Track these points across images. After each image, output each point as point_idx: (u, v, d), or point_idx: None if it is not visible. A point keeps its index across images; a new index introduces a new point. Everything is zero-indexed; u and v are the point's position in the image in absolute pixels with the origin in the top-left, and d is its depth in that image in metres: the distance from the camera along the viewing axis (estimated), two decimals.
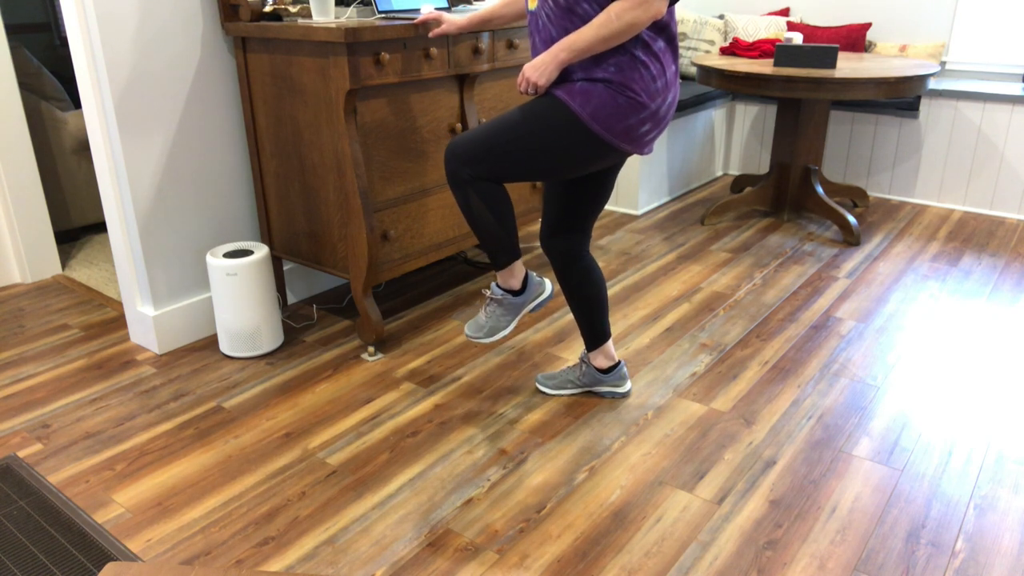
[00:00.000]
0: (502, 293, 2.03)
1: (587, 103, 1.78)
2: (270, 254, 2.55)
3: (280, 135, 2.48)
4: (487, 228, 1.93)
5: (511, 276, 2.01)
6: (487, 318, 2.05)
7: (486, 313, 2.06)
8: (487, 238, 1.94)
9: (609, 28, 1.68)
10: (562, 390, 2.27)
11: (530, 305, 2.09)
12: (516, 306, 2.06)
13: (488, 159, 1.84)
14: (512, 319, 2.07)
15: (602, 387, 2.25)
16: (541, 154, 1.83)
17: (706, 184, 4.52)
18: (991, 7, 3.99)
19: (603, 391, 2.26)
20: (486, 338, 2.04)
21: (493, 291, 2.05)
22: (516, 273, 2.01)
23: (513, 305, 2.05)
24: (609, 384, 2.25)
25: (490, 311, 2.06)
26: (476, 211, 1.91)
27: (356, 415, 2.19)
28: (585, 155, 1.84)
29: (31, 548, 1.69)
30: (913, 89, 3.21)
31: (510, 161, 1.84)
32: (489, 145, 1.83)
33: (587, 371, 2.23)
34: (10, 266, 3.12)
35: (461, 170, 1.86)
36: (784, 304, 2.88)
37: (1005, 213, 3.88)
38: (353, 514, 1.80)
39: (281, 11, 2.45)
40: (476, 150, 1.84)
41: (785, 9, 4.53)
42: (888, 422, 2.14)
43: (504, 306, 2.04)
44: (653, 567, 1.63)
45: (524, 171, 1.86)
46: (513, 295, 2.04)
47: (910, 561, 1.64)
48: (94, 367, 2.47)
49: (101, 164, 2.40)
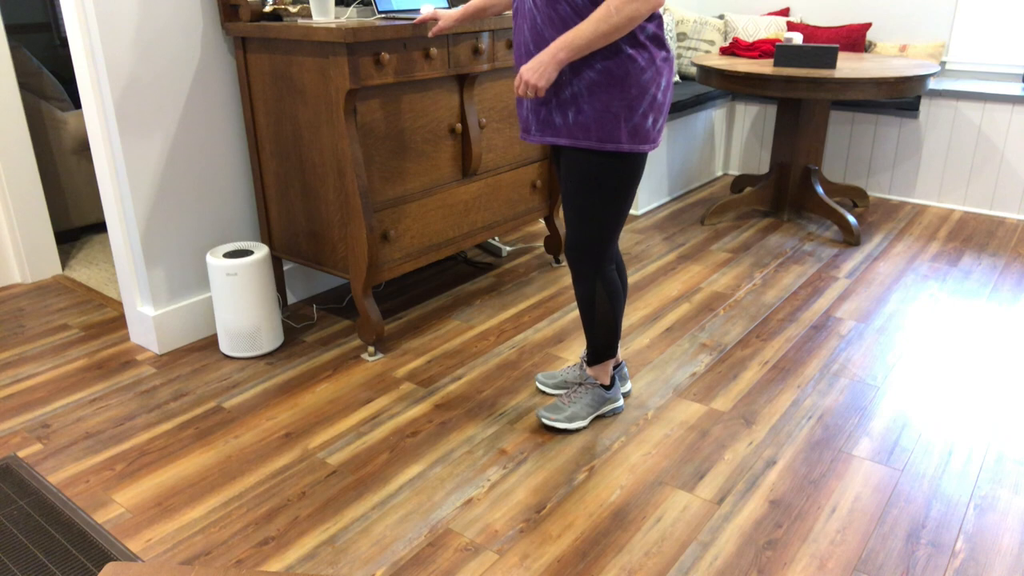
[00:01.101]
0: (594, 383, 2.11)
1: (605, 133, 1.78)
2: (270, 254, 2.55)
3: (280, 135, 2.48)
4: (606, 322, 2.01)
5: (604, 371, 2.11)
6: (570, 403, 2.10)
7: (571, 398, 2.11)
8: (603, 332, 2.03)
9: (609, 23, 1.66)
10: (562, 390, 2.27)
11: (608, 407, 2.14)
12: (601, 400, 2.12)
13: (595, 237, 1.89)
14: (593, 412, 2.12)
15: None
16: (617, 197, 1.86)
17: (706, 184, 4.52)
18: (991, 7, 3.99)
19: (604, 410, 2.17)
20: (564, 423, 2.09)
21: (588, 379, 2.11)
22: (609, 369, 2.11)
23: (601, 399, 2.12)
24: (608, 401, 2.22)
25: (577, 397, 2.11)
26: (600, 305, 1.98)
27: (356, 415, 2.19)
28: (637, 173, 1.86)
29: (31, 548, 1.69)
30: (913, 89, 3.21)
31: (608, 222, 1.88)
32: (586, 227, 1.89)
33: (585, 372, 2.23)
34: (10, 266, 3.12)
35: (583, 264, 1.93)
36: (784, 304, 2.88)
37: (1005, 213, 3.88)
38: (353, 514, 1.80)
39: (281, 11, 2.45)
40: (581, 237, 1.90)
41: (785, 9, 4.53)
42: (888, 422, 2.14)
43: (593, 395, 2.11)
44: (653, 567, 1.63)
45: (620, 219, 1.90)
46: (605, 389, 2.13)
47: (910, 561, 1.64)
48: (94, 367, 2.47)
49: (101, 164, 2.40)
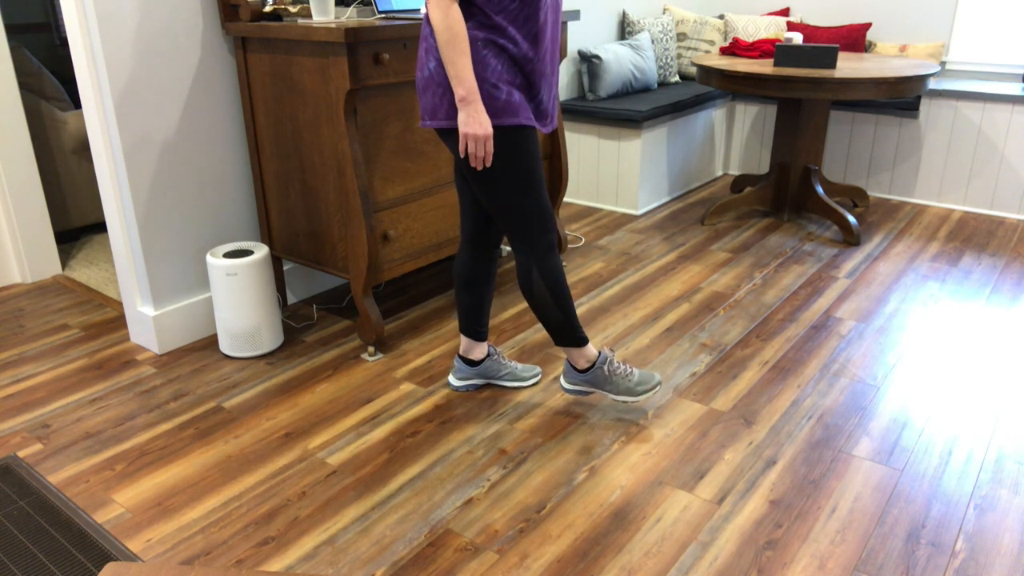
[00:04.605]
0: None
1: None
2: (270, 254, 2.55)
3: (280, 135, 2.48)
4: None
5: (574, 355, 2.11)
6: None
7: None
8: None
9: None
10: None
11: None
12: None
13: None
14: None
15: None
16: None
17: (706, 184, 4.52)
18: (991, 7, 3.99)
19: None
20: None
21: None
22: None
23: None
24: None
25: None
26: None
27: (356, 415, 2.19)
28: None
29: (31, 548, 1.69)
30: (913, 89, 3.21)
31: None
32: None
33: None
34: (10, 266, 3.12)
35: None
36: (784, 304, 2.88)
37: (1005, 213, 3.88)
38: (353, 514, 1.80)
39: (281, 11, 2.45)
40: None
41: (785, 9, 4.53)
42: (888, 422, 2.14)
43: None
44: (653, 567, 1.63)
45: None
46: None
47: (910, 561, 1.64)
48: (94, 367, 2.47)
49: (101, 164, 2.40)
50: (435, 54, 1.78)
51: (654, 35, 4.33)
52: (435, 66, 1.79)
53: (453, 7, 1.68)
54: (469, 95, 1.72)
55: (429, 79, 1.81)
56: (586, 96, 4.11)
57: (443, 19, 1.67)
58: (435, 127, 1.84)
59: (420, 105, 1.87)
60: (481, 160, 1.79)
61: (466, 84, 1.71)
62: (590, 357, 2.09)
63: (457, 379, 2.28)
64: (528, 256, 1.94)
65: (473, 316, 2.20)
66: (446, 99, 1.79)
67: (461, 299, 2.19)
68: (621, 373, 2.10)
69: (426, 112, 1.85)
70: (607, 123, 3.86)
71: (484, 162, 1.79)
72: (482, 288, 2.17)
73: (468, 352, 2.25)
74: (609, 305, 2.87)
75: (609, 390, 2.11)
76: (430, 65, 1.80)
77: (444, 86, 1.78)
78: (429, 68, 1.80)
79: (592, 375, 2.10)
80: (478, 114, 1.73)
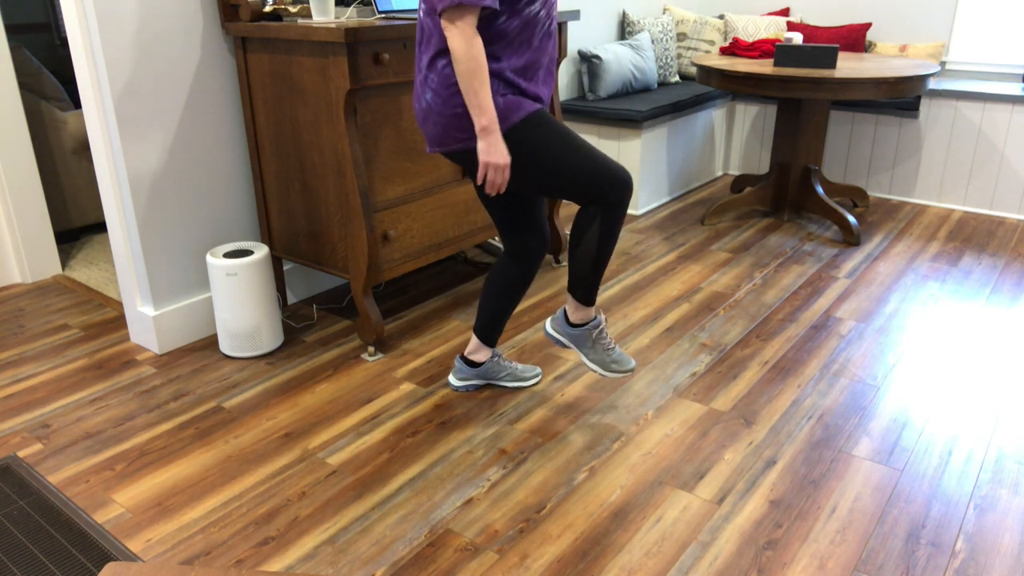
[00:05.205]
0: None
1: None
2: (270, 254, 2.55)
3: (280, 135, 2.48)
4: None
5: None
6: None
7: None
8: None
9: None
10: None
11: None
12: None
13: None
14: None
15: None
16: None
17: (706, 184, 4.52)
18: (991, 7, 3.99)
19: None
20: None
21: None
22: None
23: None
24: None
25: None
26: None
27: (356, 415, 2.19)
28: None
29: (31, 548, 1.69)
30: (913, 89, 3.21)
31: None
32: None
33: None
34: (10, 266, 3.12)
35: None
36: (784, 304, 2.88)
37: (1005, 213, 3.88)
38: (353, 514, 1.80)
39: (281, 11, 2.45)
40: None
41: (785, 9, 4.53)
42: (888, 422, 2.14)
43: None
44: (653, 567, 1.63)
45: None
46: None
47: (910, 561, 1.64)
48: (94, 367, 2.47)
49: (101, 164, 2.40)
50: (431, 86, 1.81)
51: (654, 35, 4.33)
52: (431, 97, 1.82)
53: (477, 39, 1.69)
54: (491, 124, 1.74)
55: (428, 110, 1.84)
56: (586, 96, 4.11)
57: (466, 50, 1.69)
58: (444, 152, 1.87)
59: (424, 133, 1.90)
60: (497, 187, 1.82)
61: (488, 114, 1.73)
62: (586, 317, 2.09)
63: (457, 379, 2.28)
64: (600, 207, 1.91)
65: (494, 324, 2.22)
66: (450, 127, 1.82)
67: (488, 305, 2.19)
68: (604, 344, 2.11)
69: (433, 141, 1.88)
70: (607, 123, 3.86)
71: (499, 189, 1.83)
72: (513, 299, 2.18)
73: (473, 354, 2.25)
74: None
75: (585, 353, 2.12)
76: (426, 96, 1.83)
77: (445, 115, 1.81)
78: (426, 99, 1.84)
79: (580, 333, 2.10)
80: (498, 143, 1.77)
